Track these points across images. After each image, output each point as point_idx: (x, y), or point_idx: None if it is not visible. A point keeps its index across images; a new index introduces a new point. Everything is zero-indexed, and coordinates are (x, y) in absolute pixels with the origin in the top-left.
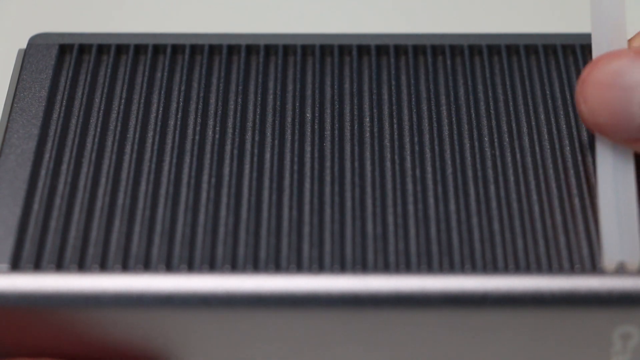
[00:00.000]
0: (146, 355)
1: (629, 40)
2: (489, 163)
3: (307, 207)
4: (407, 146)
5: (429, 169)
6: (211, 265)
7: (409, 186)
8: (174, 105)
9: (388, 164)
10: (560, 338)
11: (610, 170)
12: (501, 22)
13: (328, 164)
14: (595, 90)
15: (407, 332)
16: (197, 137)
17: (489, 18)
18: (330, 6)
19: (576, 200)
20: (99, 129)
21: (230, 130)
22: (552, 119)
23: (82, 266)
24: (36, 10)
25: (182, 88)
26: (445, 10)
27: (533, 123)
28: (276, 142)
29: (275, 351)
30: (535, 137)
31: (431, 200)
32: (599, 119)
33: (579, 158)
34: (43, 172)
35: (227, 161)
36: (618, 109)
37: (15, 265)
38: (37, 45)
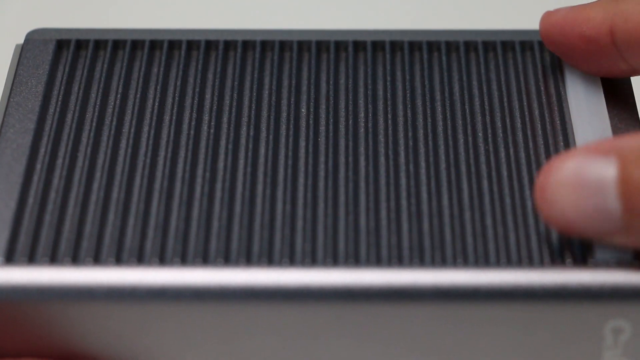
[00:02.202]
0: (134, 352)
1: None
2: (482, 158)
3: (300, 202)
4: (402, 141)
5: (422, 164)
6: (204, 259)
7: (403, 181)
8: (169, 101)
9: (382, 159)
10: (552, 332)
11: None
12: (497, 18)
13: (322, 158)
14: (561, 192)
15: (399, 326)
16: (192, 132)
17: (485, 14)
18: (326, 3)
19: None
20: (94, 124)
21: (225, 126)
22: (547, 115)
23: (75, 259)
24: (34, 6)
25: (178, 83)
26: (441, 7)
27: (527, 119)
28: (271, 137)
29: (267, 345)
30: (529, 132)
31: (424, 195)
32: (573, 222)
33: None
34: (38, 166)
35: (221, 156)
36: (592, 208)
37: (10, 258)
38: (34, 41)
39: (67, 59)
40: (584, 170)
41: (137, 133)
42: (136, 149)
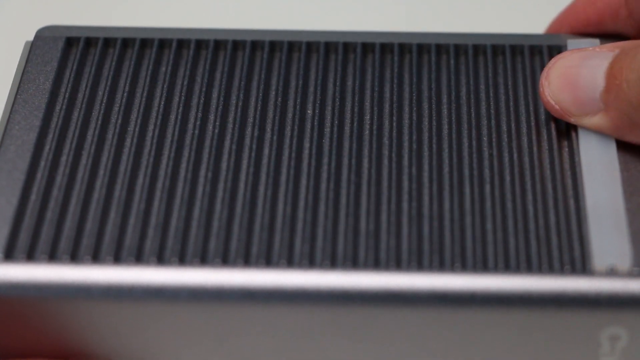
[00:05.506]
0: (132, 350)
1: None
2: (486, 162)
3: (301, 203)
4: (406, 144)
5: (426, 167)
6: (202, 259)
7: (405, 184)
8: (176, 100)
9: (385, 161)
10: (548, 338)
11: (597, 174)
12: (506, 22)
13: (325, 160)
14: (559, 74)
15: (395, 329)
16: (196, 132)
17: (494, 18)
18: (335, 4)
19: (571, 202)
20: (100, 122)
21: (230, 126)
22: (552, 120)
23: (74, 257)
24: (45, 3)
25: (185, 82)
26: (450, 10)
27: (533, 123)
28: (275, 137)
29: (264, 345)
30: (534, 137)
31: (426, 199)
32: (561, 97)
33: (577, 159)
34: (42, 163)
35: (225, 156)
36: (582, 84)
37: (9, 255)
38: (44, 38)
39: (76, 56)
40: (587, 55)
41: (142, 132)
42: (140, 147)
